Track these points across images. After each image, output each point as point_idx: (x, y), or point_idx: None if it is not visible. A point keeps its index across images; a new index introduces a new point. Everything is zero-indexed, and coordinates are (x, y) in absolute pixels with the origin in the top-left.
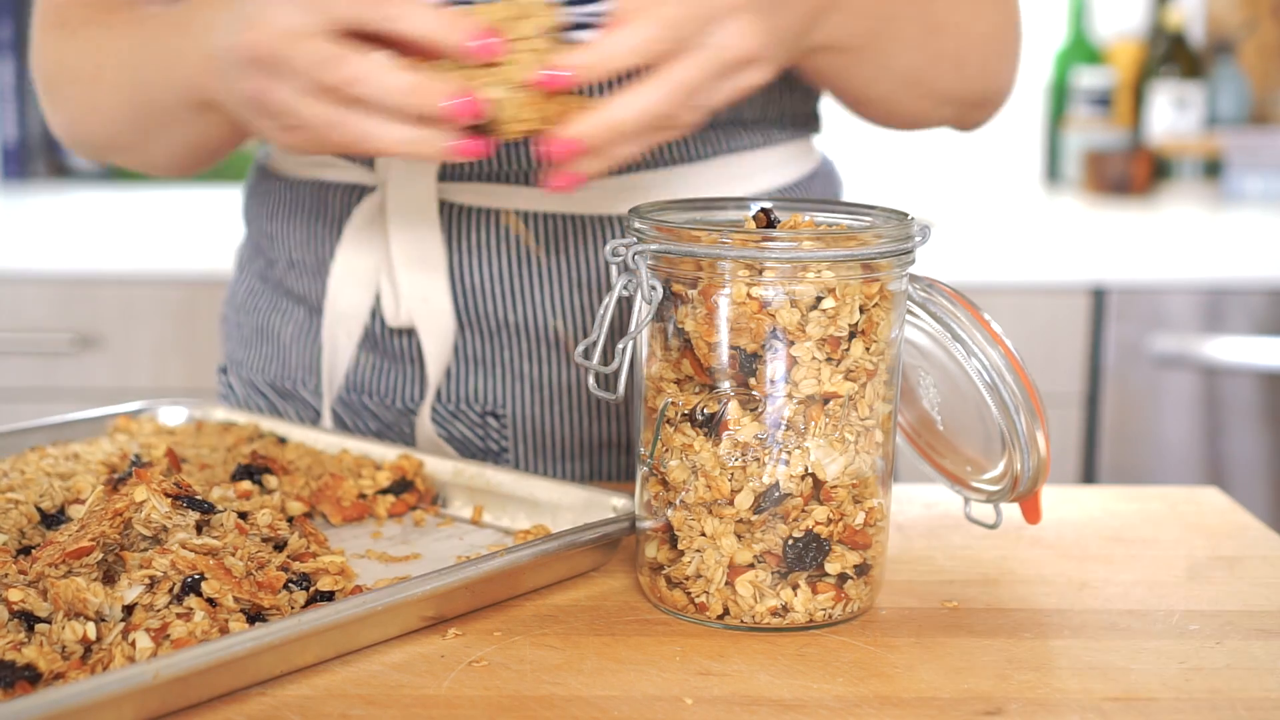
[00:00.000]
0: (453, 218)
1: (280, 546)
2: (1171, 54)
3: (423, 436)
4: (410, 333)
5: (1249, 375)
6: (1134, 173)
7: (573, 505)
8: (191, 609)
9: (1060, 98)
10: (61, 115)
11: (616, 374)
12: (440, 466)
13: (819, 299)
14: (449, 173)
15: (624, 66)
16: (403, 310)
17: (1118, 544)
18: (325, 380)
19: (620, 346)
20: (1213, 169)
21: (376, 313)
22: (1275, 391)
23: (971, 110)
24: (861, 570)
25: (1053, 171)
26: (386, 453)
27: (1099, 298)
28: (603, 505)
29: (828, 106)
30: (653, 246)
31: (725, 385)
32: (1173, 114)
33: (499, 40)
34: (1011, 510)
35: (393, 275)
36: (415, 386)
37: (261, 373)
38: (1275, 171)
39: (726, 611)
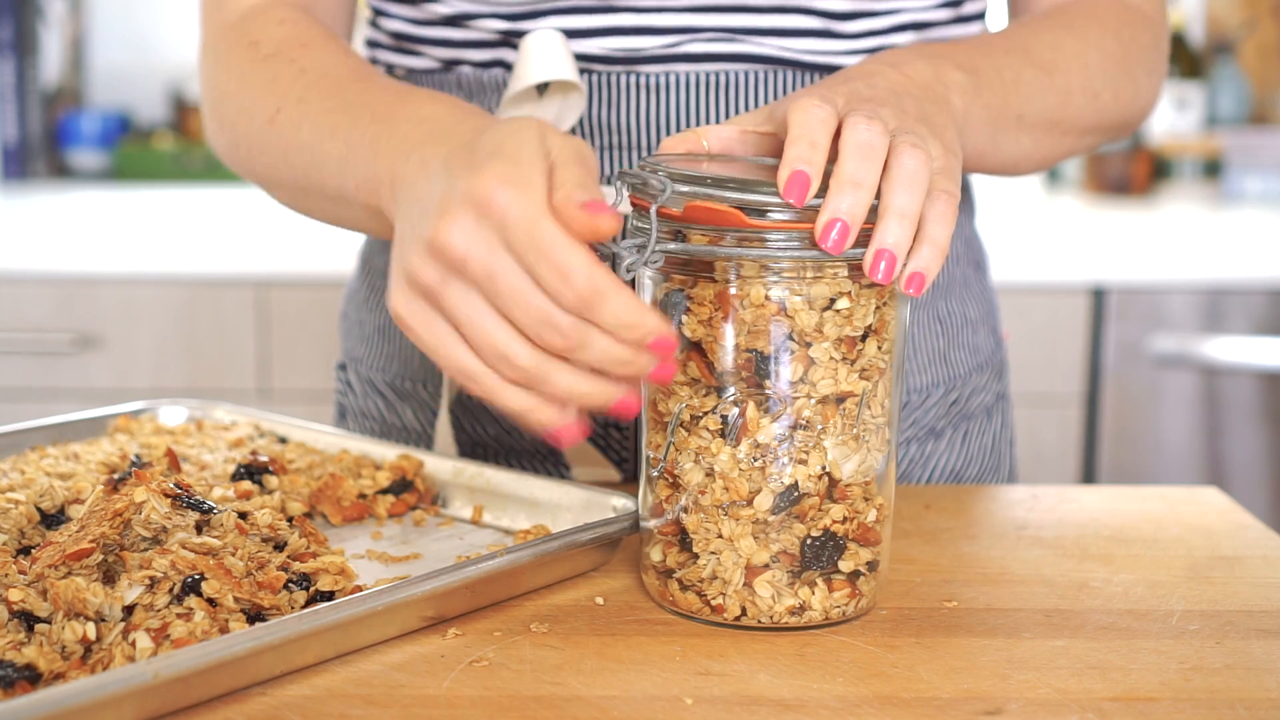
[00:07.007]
0: None
1: (280, 546)
2: (1171, 54)
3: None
4: None
5: (1249, 375)
6: (1134, 173)
7: (573, 505)
8: (191, 609)
9: None
10: (225, 137)
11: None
12: (440, 466)
13: (832, 300)
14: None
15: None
16: None
17: (1118, 544)
18: (446, 379)
19: None
20: (1212, 169)
21: None
22: (1275, 391)
23: (1116, 133)
24: (873, 566)
25: (1052, 171)
26: (386, 452)
27: (1099, 298)
28: (603, 505)
29: None
30: (671, 247)
31: (738, 387)
32: (1172, 114)
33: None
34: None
35: None
36: None
37: (381, 371)
38: (1275, 171)
39: (743, 613)
